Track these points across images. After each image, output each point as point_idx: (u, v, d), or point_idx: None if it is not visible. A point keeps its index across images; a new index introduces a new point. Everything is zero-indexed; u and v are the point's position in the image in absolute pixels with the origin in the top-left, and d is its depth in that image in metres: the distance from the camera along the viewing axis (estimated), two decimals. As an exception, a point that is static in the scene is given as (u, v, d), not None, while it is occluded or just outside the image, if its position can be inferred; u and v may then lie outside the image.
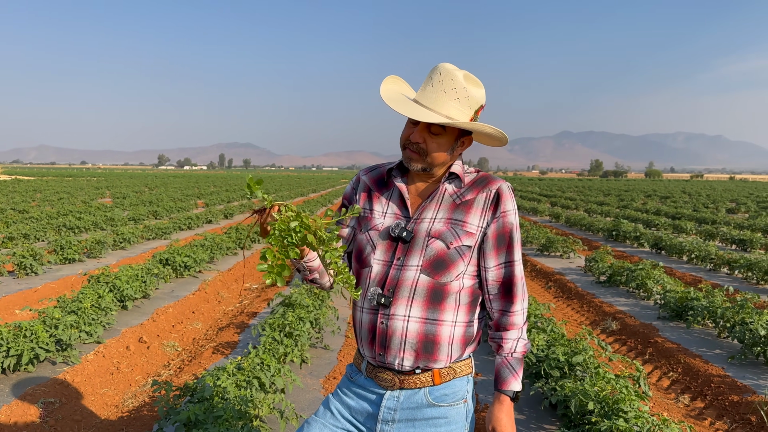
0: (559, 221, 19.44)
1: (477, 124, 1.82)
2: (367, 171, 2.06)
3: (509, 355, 1.88)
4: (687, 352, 5.73)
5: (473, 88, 1.82)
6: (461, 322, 1.87)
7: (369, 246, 1.92)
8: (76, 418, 4.24)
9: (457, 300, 1.85)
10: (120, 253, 11.44)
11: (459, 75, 1.80)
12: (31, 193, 29.24)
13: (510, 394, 1.87)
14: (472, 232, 1.85)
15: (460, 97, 1.80)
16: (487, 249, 1.88)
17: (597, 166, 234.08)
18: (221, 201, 27.06)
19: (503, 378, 1.88)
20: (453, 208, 1.87)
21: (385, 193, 1.97)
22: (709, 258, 10.51)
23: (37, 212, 16.86)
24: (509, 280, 1.89)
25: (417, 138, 1.84)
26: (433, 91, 1.81)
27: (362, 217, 1.97)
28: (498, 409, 1.87)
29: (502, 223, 1.87)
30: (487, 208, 1.87)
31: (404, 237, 1.85)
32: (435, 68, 1.83)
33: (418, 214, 1.88)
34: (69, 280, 8.56)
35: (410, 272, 1.84)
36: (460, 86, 1.80)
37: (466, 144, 1.91)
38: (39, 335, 4.81)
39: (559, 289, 9.14)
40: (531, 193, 39.25)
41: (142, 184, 47.37)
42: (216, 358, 5.45)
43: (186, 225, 15.64)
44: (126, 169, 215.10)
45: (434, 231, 1.85)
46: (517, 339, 1.89)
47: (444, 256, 1.83)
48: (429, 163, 1.87)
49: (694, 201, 30.89)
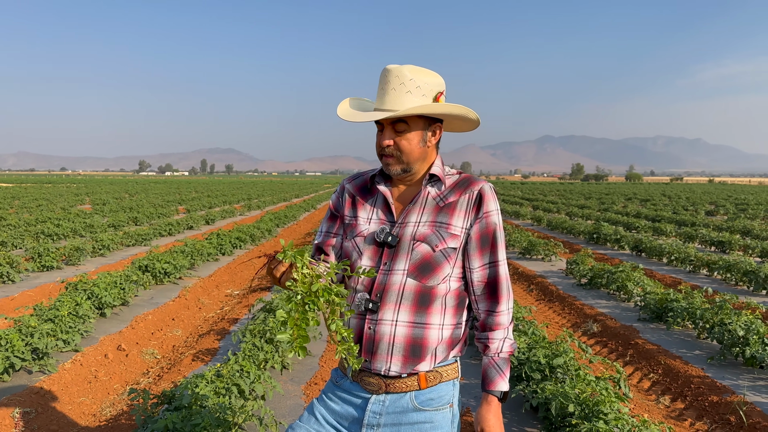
0: (540, 225, 19.54)
1: (431, 106, 1.81)
2: (351, 179, 2.07)
3: (496, 355, 1.87)
4: (667, 354, 5.77)
5: (423, 77, 1.82)
6: (448, 325, 1.87)
7: (355, 253, 1.92)
8: (53, 427, 4.16)
9: (443, 303, 1.85)
10: (99, 260, 11.31)
11: (404, 70, 1.81)
12: (9, 200, 28.84)
13: (497, 395, 1.86)
14: (457, 234, 1.85)
15: (411, 90, 1.80)
16: (471, 250, 1.88)
17: (578, 169, 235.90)
18: (203, 207, 26.88)
19: (490, 378, 1.87)
20: (437, 210, 1.88)
21: (369, 199, 1.98)
22: (689, 260, 10.62)
23: (15, 219, 16.61)
24: (494, 280, 1.88)
25: (386, 141, 1.85)
26: (385, 94, 1.82)
27: (348, 225, 1.98)
28: (486, 410, 1.86)
29: (486, 223, 1.87)
30: (470, 209, 1.87)
31: (389, 242, 1.85)
32: (382, 72, 1.85)
33: (403, 218, 1.89)
34: (47, 288, 8.43)
35: (397, 276, 1.84)
36: (407, 79, 1.80)
37: (438, 133, 1.91)
38: (14, 344, 4.73)
39: (541, 292, 9.17)
40: (513, 197, 39.46)
41: (123, 190, 46.95)
42: (196, 366, 5.39)
43: (166, 231, 15.50)
44: (106, 176, 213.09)
45: (419, 234, 1.85)
46: (503, 339, 1.88)
47: (430, 259, 1.83)
48: (406, 162, 1.86)
49: (674, 204, 31.22)
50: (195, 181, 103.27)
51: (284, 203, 34.14)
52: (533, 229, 18.60)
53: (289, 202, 34.65)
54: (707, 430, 4.36)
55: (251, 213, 25.84)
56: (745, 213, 24.24)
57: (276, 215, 19.20)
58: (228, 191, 44.75)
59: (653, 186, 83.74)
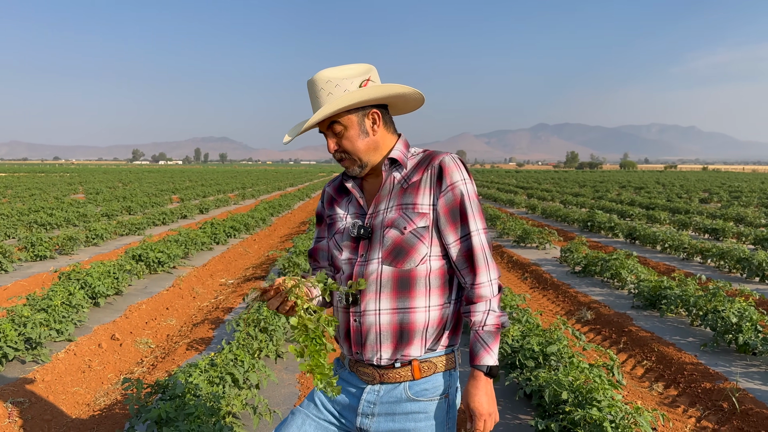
0: (535, 213, 19.56)
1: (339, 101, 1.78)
2: (330, 182, 2.11)
3: (480, 328, 1.82)
4: (661, 341, 5.79)
5: (340, 74, 1.82)
6: (435, 306, 1.84)
7: (336, 250, 1.94)
8: (46, 417, 4.15)
9: (426, 284, 1.83)
10: (93, 250, 11.27)
11: (321, 75, 1.82)
12: (2, 190, 28.70)
13: (483, 369, 1.80)
14: (425, 212, 1.82)
15: (331, 91, 1.80)
16: (442, 225, 1.84)
17: (573, 157, 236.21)
18: (197, 196, 26.80)
19: (475, 353, 1.82)
20: (401, 193, 1.86)
21: (344, 198, 2.00)
22: (682, 247, 10.65)
23: (7, 209, 16.52)
24: (470, 251, 1.83)
25: (331, 147, 1.88)
26: (314, 105, 1.85)
27: (329, 225, 2.02)
28: (472, 385, 1.82)
29: (452, 195, 1.82)
30: (433, 184, 1.83)
31: (362, 234, 1.85)
32: (306, 85, 1.87)
33: (373, 208, 1.88)
34: (40, 278, 8.40)
35: (372, 266, 1.83)
36: (324, 82, 1.80)
37: (377, 119, 1.88)
38: (7, 334, 4.71)
39: (535, 280, 9.19)
40: (508, 185, 39.46)
41: (116, 179, 46.76)
42: (190, 355, 5.39)
43: (160, 220, 15.45)
44: (100, 165, 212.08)
45: (387, 220, 1.84)
46: (486, 311, 1.83)
47: (401, 243, 1.81)
48: (358, 159, 1.87)
49: (668, 191, 31.30)
50: (189, 170, 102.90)
51: (279, 192, 34.08)
52: (528, 217, 18.63)
53: (283, 191, 34.58)
54: (700, 416, 4.38)
55: (245, 202, 25.78)
56: (738, 200, 24.31)
57: (270, 204, 19.16)
58: (222, 180, 44.61)
59: (647, 174, 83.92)
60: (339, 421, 1.92)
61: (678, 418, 4.36)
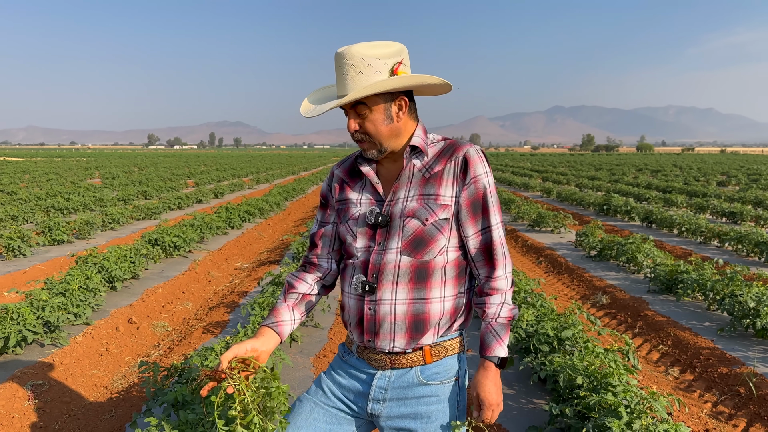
0: (550, 196, 19.46)
1: (380, 84, 1.74)
2: (339, 164, 2.04)
3: (493, 320, 1.84)
4: (677, 325, 5.75)
5: (373, 53, 1.74)
6: (450, 296, 1.84)
7: (350, 236, 1.90)
8: (65, 399, 4.22)
9: (443, 275, 1.82)
10: (109, 234, 11.37)
11: (353, 50, 1.73)
12: (20, 175, 28.99)
13: (494, 360, 1.82)
14: (447, 204, 1.81)
15: (362, 70, 1.73)
16: (463, 218, 1.83)
17: (589, 140, 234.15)
18: (211, 180, 26.92)
19: (487, 344, 1.83)
20: (423, 183, 1.83)
21: (358, 182, 1.94)
22: (700, 231, 10.54)
23: (25, 194, 16.71)
24: (489, 245, 1.84)
25: (352, 127, 1.80)
26: (339, 79, 1.77)
27: (340, 209, 1.95)
28: (483, 375, 1.83)
29: (474, 188, 1.81)
30: (457, 176, 1.82)
31: (380, 222, 1.82)
32: (334, 57, 1.79)
33: (392, 195, 1.85)
34: (58, 262, 8.50)
35: (391, 255, 1.81)
36: (356, 59, 1.72)
37: (404, 106, 1.83)
38: (26, 317, 4.77)
39: (550, 264, 9.15)
40: (522, 168, 39.25)
41: (132, 164, 47.07)
42: (206, 338, 5.43)
43: (176, 205, 15.55)
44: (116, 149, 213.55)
45: (408, 210, 1.81)
46: (501, 304, 1.84)
47: (422, 234, 1.80)
48: (379, 143, 1.82)
49: (685, 174, 30.99)
50: (203, 154, 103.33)
51: (292, 176, 34.14)
52: (543, 201, 18.52)
53: (297, 176, 34.64)
54: (716, 401, 4.35)
55: (260, 186, 25.86)
56: (757, 183, 24.01)
57: (284, 188, 19.20)
58: (236, 164, 44.75)
59: (664, 156, 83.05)
60: (349, 408, 1.91)
61: (694, 403, 4.34)
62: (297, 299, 1.98)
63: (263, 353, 1.79)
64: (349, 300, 1.89)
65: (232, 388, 1.64)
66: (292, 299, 1.97)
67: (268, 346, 1.82)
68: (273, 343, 1.85)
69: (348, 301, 1.89)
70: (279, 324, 1.90)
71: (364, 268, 1.84)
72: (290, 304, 1.96)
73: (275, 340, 1.86)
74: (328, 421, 1.90)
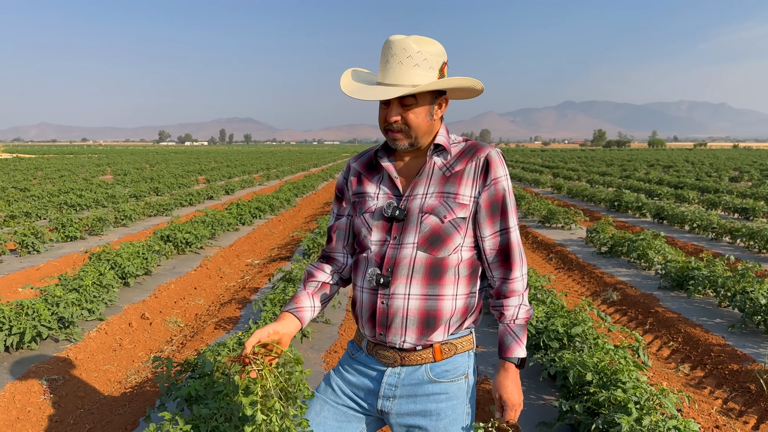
0: (561, 192, 19.40)
1: (445, 81, 1.78)
2: (356, 158, 2.06)
3: (512, 322, 1.87)
4: (687, 322, 5.74)
5: (428, 49, 1.76)
6: (462, 295, 1.86)
7: (365, 229, 1.91)
8: (80, 394, 4.27)
9: (456, 273, 1.84)
10: (121, 230, 11.46)
11: (410, 42, 1.74)
12: (32, 171, 29.23)
13: (515, 361, 1.86)
14: (465, 203, 1.83)
15: (419, 63, 1.74)
16: (481, 218, 1.86)
17: (600, 136, 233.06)
18: (222, 177, 27.03)
19: (507, 345, 1.86)
20: (443, 181, 1.85)
21: (375, 175, 1.96)
22: (711, 227, 10.49)
23: (38, 190, 16.85)
24: (506, 247, 1.87)
25: (394, 116, 1.80)
26: (391, 67, 1.76)
27: (356, 202, 1.96)
28: (504, 377, 1.86)
29: (494, 190, 1.85)
30: (478, 176, 1.85)
31: (397, 216, 1.84)
32: (385, 44, 1.78)
33: (410, 191, 1.86)
34: (71, 258, 8.58)
35: (407, 250, 1.83)
36: (415, 52, 1.74)
37: (444, 105, 1.87)
38: (41, 313, 4.83)
39: (561, 261, 9.14)
40: (533, 164, 39.11)
41: (143, 160, 47.31)
42: (218, 334, 5.48)
43: (187, 201, 15.64)
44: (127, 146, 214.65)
45: (427, 206, 1.83)
46: (519, 306, 1.88)
47: (439, 231, 1.82)
48: (414, 137, 1.83)
49: (697, 170, 30.78)
50: (214, 151, 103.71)
51: (303, 173, 34.21)
52: (553, 197, 18.47)
53: (307, 172, 34.71)
54: (726, 398, 4.35)
55: (270, 183, 25.95)
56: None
57: (295, 185, 19.26)
58: (247, 161, 44.90)
59: (676, 152, 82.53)
60: (359, 405, 1.93)
61: (704, 400, 4.34)
62: (317, 287, 1.99)
63: (285, 336, 1.80)
64: (361, 294, 1.90)
65: (255, 373, 1.67)
66: (311, 287, 1.99)
67: (290, 329, 1.83)
68: (294, 327, 1.86)
69: (360, 295, 1.90)
70: (300, 309, 1.92)
71: (379, 262, 1.85)
72: (310, 291, 1.98)
73: (296, 325, 1.87)
74: (338, 419, 1.92)
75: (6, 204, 13.85)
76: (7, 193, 16.87)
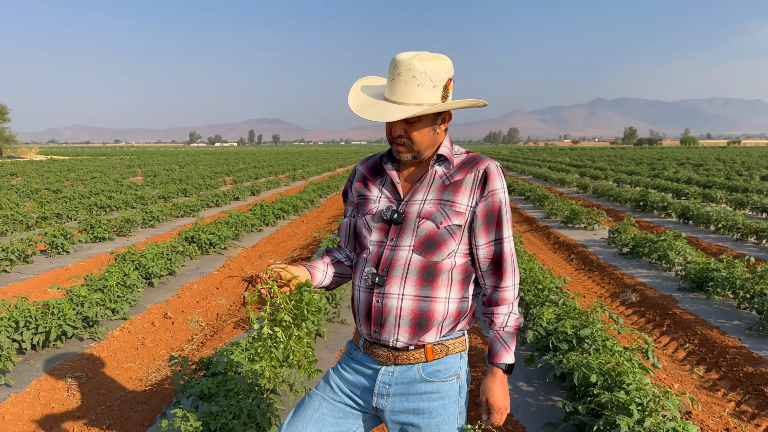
0: (586, 192, 19.25)
1: (446, 105, 1.87)
2: (363, 161, 2.16)
3: (501, 329, 1.95)
4: (705, 324, 5.71)
5: (433, 67, 1.84)
6: (454, 299, 1.94)
7: (365, 229, 2.00)
8: (102, 391, 4.43)
9: (449, 277, 1.92)
10: (149, 231, 11.71)
11: (415, 62, 1.82)
12: (65, 173, 29.91)
13: (502, 367, 1.94)
14: (461, 212, 1.91)
15: (422, 82, 1.82)
16: (476, 227, 1.94)
17: (631, 133, 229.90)
18: (249, 178, 27.34)
19: (495, 351, 1.95)
20: (442, 189, 1.94)
21: (379, 179, 2.05)
22: (736, 227, 10.34)
23: (70, 192, 17.27)
24: (499, 257, 1.95)
25: (398, 132, 1.90)
26: (396, 85, 1.85)
27: (360, 204, 2.06)
28: (491, 381, 1.95)
29: (491, 201, 1.92)
30: (476, 187, 1.92)
31: (395, 219, 1.93)
32: (392, 62, 1.87)
33: (409, 196, 1.95)
34: (99, 258, 8.81)
35: (403, 252, 1.91)
36: (419, 72, 1.81)
37: (447, 119, 1.96)
38: (66, 312, 5.01)
39: (581, 261, 9.11)
40: (560, 163, 38.78)
41: (174, 161, 48.03)
42: (237, 333, 5.61)
43: (213, 202, 15.88)
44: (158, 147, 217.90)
45: (424, 212, 1.91)
46: (508, 314, 1.96)
47: (434, 236, 1.90)
48: (416, 150, 1.93)
49: (728, 168, 30.23)
50: (243, 151, 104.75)
51: (328, 173, 34.42)
52: (578, 196, 18.34)
53: (333, 172, 34.91)
54: (740, 400, 4.33)
55: (295, 183, 26.17)
56: (803, 178, 23.31)
57: (319, 186, 19.42)
58: (274, 162, 45.31)
59: (708, 150, 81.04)
60: (355, 402, 2.01)
61: (717, 402, 4.33)
62: (332, 261, 2.14)
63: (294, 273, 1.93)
64: (358, 293, 1.99)
65: (266, 291, 1.81)
66: (327, 259, 2.13)
67: (300, 273, 1.95)
68: (304, 274, 1.97)
69: (357, 293, 1.99)
70: (312, 267, 2.05)
71: (375, 262, 1.94)
72: (326, 261, 2.12)
73: (306, 274, 1.98)
74: (336, 415, 2.00)
75: (38, 205, 14.23)
76: (39, 194, 17.33)
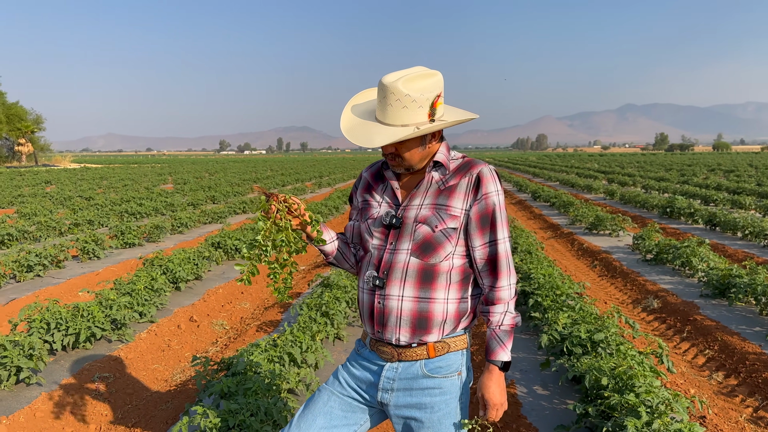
0: (613, 198, 19.09)
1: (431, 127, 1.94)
2: (368, 168, 2.27)
3: (497, 327, 2.03)
4: (725, 330, 5.68)
5: (417, 87, 1.91)
6: (453, 299, 2.03)
7: (367, 234, 2.12)
8: (129, 391, 4.59)
9: (447, 279, 2.01)
10: (177, 237, 11.96)
11: (398, 85, 1.90)
12: (98, 181, 30.57)
13: (498, 364, 2.02)
14: (456, 215, 2.00)
15: (407, 105, 1.91)
16: (472, 230, 2.02)
17: (662, 139, 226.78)
18: (276, 185, 27.63)
19: (492, 349, 2.03)
20: (438, 193, 2.03)
21: (381, 185, 2.16)
22: (763, 234, 10.21)
23: (102, 199, 17.69)
24: (494, 257, 2.03)
25: (388, 149, 2.01)
26: (383, 107, 1.95)
27: (363, 209, 2.18)
28: (488, 378, 2.03)
29: (485, 204, 2.00)
30: (469, 191, 2.01)
31: (394, 223, 2.03)
32: (378, 84, 1.96)
33: (407, 202, 2.05)
34: (128, 264, 9.05)
35: (401, 255, 2.02)
36: (403, 95, 1.90)
37: (436, 135, 2.05)
38: (95, 315, 5.19)
39: (604, 268, 9.09)
40: (588, 170, 38.45)
41: (203, 169, 48.74)
42: (259, 336, 5.75)
43: (240, 209, 16.13)
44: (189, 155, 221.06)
45: (421, 216, 2.01)
46: (504, 313, 2.03)
47: (431, 239, 1.99)
48: (408, 165, 2.04)
49: (760, 174, 29.69)
50: (271, 159, 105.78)
51: (353, 180, 34.60)
52: (605, 203, 18.20)
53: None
54: (758, 406, 4.33)
55: (321, 190, 26.40)
56: (838, 183, 22.79)
57: (344, 192, 19.59)
58: (301, 169, 45.71)
59: (741, 156, 79.51)
60: (362, 396, 2.11)
61: (734, 408, 4.33)
62: (341, 237, 2.27)
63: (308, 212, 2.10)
64: (362, 294, 2.10)
65: (274, 207, 1.97)
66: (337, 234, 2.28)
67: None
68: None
69: (361, 295, 2.11)
70: (326, 227, 2.21)
71: (376, 265, 2.05)
72: (334, 234, 2.25)
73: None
74: (344, 408, 2.11)
75: (71, 212, 14.62)
76: (72, 202, 17.78)
